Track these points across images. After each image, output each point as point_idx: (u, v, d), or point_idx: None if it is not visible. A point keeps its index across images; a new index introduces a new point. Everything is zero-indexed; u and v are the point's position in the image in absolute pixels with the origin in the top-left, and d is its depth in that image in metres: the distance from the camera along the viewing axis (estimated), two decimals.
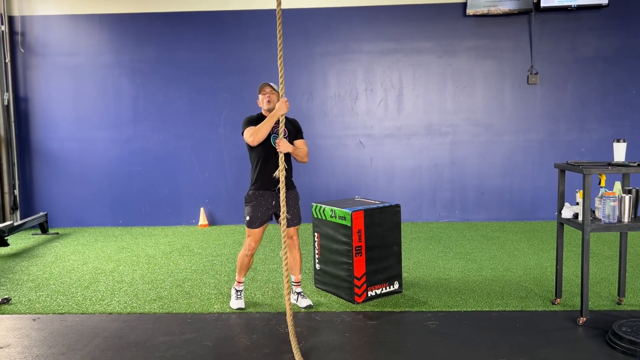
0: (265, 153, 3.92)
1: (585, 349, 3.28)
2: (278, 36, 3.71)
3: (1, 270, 5.38)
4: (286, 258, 3.52)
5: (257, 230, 4.00)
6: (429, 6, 7.27)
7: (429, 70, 7.39)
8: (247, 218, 4.00)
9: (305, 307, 4.10)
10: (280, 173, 3.58)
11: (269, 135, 3.88)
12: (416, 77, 7.41)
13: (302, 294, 4.20)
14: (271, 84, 4.05)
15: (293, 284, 4.21)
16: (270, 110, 3.95)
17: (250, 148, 3.97)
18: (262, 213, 3.98)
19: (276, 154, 3.77)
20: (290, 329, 3.36)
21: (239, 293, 4.18)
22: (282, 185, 3.53)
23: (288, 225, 3.91)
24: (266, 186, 3.97)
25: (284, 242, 3.49)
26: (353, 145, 7.51)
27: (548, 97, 7.31)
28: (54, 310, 4.15)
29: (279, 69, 3.68)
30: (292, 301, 4.17)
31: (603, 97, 7.25)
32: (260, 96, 4.03)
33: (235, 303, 4.13)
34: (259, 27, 7.27)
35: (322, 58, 7.43)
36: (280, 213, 3.53)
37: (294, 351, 3.23)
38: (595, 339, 3.41)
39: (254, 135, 3.82)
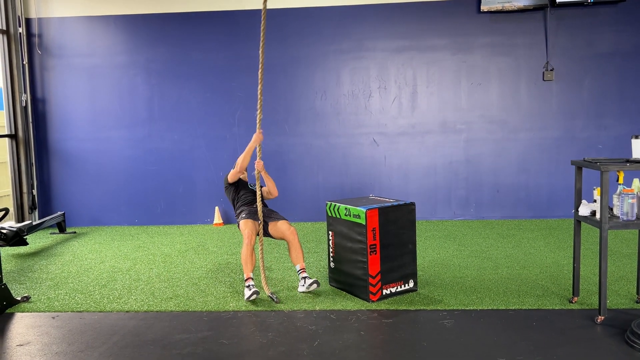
0: (240, 187, 4.84)
1: (604, 348, 3.25)
2: (261, 34, 4.41)
3: (21, 269, 5.47)
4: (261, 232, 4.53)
5: (250, 220, 4.48)
6: (443, 3, 7.23)
7: (443, 67, 7.35)
8: (242, 215, 4.59)
9: (311, 284, 4.34)
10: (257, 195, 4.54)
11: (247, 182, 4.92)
12: (430, 75, 7.37)
13: (307, 277, 4.44)
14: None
15: (299, 271, 4.48)
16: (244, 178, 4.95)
17: (228, 188, 4.86)
18: (252, 210, 4.60)
19: (248, 188, 4.83)
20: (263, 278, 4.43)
21: (250, 286, 4.26)
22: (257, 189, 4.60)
23: (275, 219, 4.61)
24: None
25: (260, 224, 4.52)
26: (367, 144, 7.50)
27: (564, 94, 7.23)
28: (73, 308, 4.21)
29: (260, 65, 4.42)
30: (300, 287, 4.42)
31: (620, 93, 7.15)
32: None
33: (249, 293, 4.21)
34: (272, 26, 7.28)
35: (335, 56, 7.43)
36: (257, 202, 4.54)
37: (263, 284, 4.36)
38: (613, 338, 3.37)
39: (237, 165, 4.64)
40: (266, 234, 4.64)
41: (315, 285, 4.35)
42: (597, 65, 7.15)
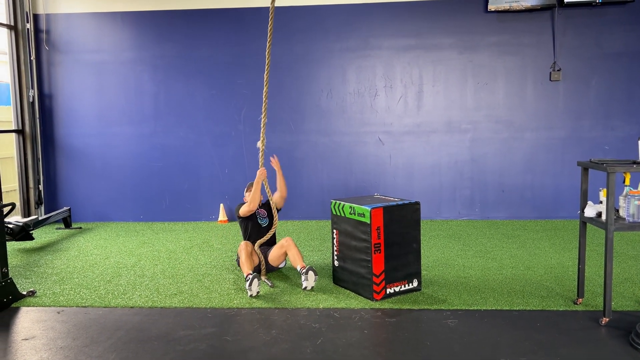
0: (252, 224, 4.96)
1: (608, 350, 3.24)
2: (269, 35, 4.61)
3: (27, 263, 5.50)
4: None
5: (250, 243, 4.75)
6: (450, 2, 7.21)
7: (449, 66, 7.32)
8: (246, 240, 4.88)
9: (307, 272, 4.37)
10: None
11: (256, 215, 4.98)
12: (436, 74, 7.35)
13: (305, 272, 4.42)
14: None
15: (300, 270, 4.46)
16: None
17: (241, 221, 4.99)
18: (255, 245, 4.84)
19: (259, 229, 4.94)
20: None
21: (249, 276, 4.32)
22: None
23: (269, 249, 4.88)
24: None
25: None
26: (372, 142, 7.49)
27: (571, 94, 7.19)
28: (78, 303, 4.23)
29: (266, 61, 4.70)
30: (303, 282, 4.41)
31: (628, 93, 7.11)
32: (246, 193, 5.11)
33: (249, 281, 4.25)
34: (278, 23, 7.26)
35: (341, 54, 7.42)
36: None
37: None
38: (618, 340, 3.36)
39: (249, 203, 4.79)
40: (269, 269, 4.90)
41: (312, 273, 4.38)
42: (605, 66, 7.11)
